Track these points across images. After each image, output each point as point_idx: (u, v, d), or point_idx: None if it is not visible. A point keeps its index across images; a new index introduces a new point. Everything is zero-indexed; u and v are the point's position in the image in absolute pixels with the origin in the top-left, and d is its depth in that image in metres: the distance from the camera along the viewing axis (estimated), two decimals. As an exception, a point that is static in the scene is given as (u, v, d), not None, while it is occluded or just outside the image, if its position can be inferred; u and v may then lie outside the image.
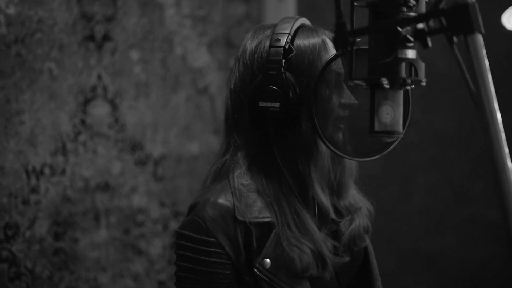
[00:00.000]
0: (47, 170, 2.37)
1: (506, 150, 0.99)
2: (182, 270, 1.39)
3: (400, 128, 1.26)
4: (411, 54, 1.21)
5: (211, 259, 1.35)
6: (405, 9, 1.22)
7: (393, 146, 1.44)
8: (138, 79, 2.65)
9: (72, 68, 2.44)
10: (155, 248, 2.73)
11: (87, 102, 2.49)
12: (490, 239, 2.86)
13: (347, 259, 1.46)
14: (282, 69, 1.37)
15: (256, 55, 1.42)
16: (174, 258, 1.44)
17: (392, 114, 1.26)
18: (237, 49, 2.08)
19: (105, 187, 2.54)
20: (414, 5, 1.24)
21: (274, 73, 1.36)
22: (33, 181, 2.33)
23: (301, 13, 3.08)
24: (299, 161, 1.42)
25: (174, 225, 2.79)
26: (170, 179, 2.79)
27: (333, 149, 1.38)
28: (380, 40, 1.21)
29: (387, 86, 1.23)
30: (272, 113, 1.36)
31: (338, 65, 1.41)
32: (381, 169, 2.99)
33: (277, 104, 1.36)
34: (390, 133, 1.26)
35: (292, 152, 1.41)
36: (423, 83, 1.26)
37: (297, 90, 1.38)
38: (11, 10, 2.27)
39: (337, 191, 1.51)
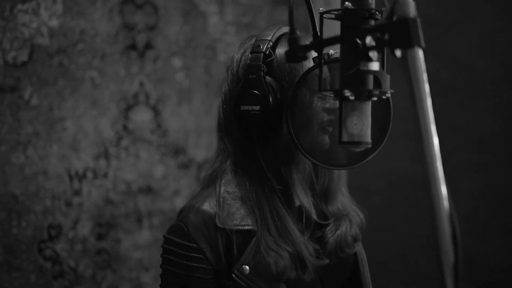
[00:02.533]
0: (89, 174, 2.49)
1: (438, 154, 1.00)
2: (166, 274, 1.46)
3: (368, 138, 1.28)
4: (373, 66, 1.23)
5: (193, 264, 1.41)
6: (372, 22, 1.25)
7: (372, 156, 1.44)
8: (180, 86, 2.74)
9: (114, 76, 2.55)
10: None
11: (129, 108, 2.59)
12: (537, 246, 2.80)
13: (326, 261, 1.49)
14: (262, 74, 1.41)
15: (241, 63, 1.47)
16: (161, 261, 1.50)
17: (360, 125, 1.28)
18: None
19: (148, 190, 2.64)
20: (381, 17, 1.26)
21: (254, 77, 1.41)
22: (76, 184, 2.45)
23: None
24: (281, 164, 1.46)
25: (218, 227, 2.86)
26: (214, 182, 2.86)
27: (307, 155, 1.41)
28: (345, 52, 1.24)
29: (352, 98, 1.26)
30: (253, 117, 1.41)
31: (324, 71, 1.44)
32: (421, 172, 2.96)
33: (257, 108, 1.40)
34: (358, 143, 1.28)
35: (274, 155, 1.45)
36: (388, 95, 1.28)
37: (278, 94, 1.41)
38: (54, 22, 2.39)
39: (324, 196, 1.54)
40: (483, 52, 2.84)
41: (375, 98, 1.29)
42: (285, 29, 1.51)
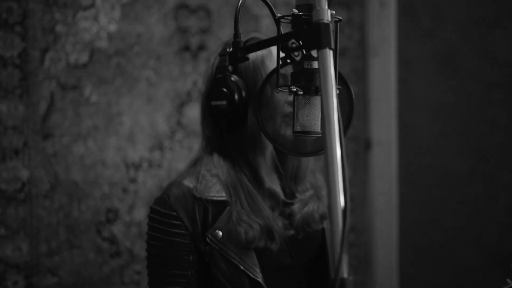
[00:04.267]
0: (145, 164, 2.75)
1: (337, 134, 1.15)
2: (150, 238, 1.69)
3: (317, 128, 1.45)
4: (313, 64, 1.40)
5: (173, 230, 1.63)
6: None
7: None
8: (232, 84, 2.94)
9: (169, 75, 2.80)
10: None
11: (182, 104, 2.83)
12: None
13: (292, 232, 1.68)
14: (228, 73, 1.61)
15: (214, 65, 1.69)
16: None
17: (310, 117, 1.45)
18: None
19: (201, 179, 2.86)
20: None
21: (221, 76, 1.62)
22: (132, 173, 2.72)
23: (401, 18, 3.21)
24: (248, 152, 1.67)
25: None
26: (266, 174, 3.05)
27: (274, 142, 1.60)
28: (294, 53, 1.41)
29: (301, 93, 1.43)
30: (222, 111, 1.62)
31: (286, 68, 1.62)
32: (468, 168, 3.03)
33: (225, 103, 1.61)
34: (308, 132, 1.45)
35: (242, 144, 1.67)
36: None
37: (243, 91, 1.61)
38: (113, 27, 2.67)
39: (294, 178, 1.73)
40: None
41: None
42: (254, 34, 1.71)
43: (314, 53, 1.38)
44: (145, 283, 2.71)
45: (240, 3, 1.40)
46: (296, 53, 1.27)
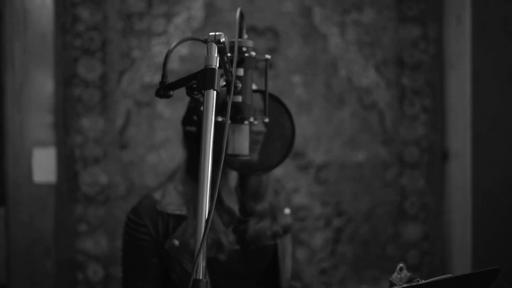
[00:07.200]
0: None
1: (209, 170, 1.39)
2: (124, 242, 1.98)
3: (245, 152, 1.68)
4: (236, 98, 1.64)
5: (139, 235, 1.92)
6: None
7: (278, 164, 1.79)
8: (300, 99, 3.18)
9: (237, 92, 3.08)
10: (316, 240, 3.23)
11: (250, 118, 3.11)
12: None
13: (237, 247, 1.90)
14: (199, 103, 1.86)
15: None
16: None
17: (239, 141, 1.68)
18: (410, 68, 2.40)
19: (268, 187, 3.12)
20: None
21: (193, 105, 1.87)
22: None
23: (475, 33, 3.28)
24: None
25: (336, 222, 3.24)
26: (333, 183, 3.25)
27: (228, 165, 1.83)
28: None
29: (229, 121, 1.67)
30: (192, 135, 1.88)
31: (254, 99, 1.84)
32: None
33: (194, 128, 1.87)
34: (237, 155, 1.68)
35: None
36: (251, 121, 1.66)
37: None
38: (185, 51, 3.01)
39: (254, 197, 1.95)
40: None
41: (246, 122, 1.68)
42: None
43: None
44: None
45: (171, 47, 1.65)
46: (196, 93, 1.52)
